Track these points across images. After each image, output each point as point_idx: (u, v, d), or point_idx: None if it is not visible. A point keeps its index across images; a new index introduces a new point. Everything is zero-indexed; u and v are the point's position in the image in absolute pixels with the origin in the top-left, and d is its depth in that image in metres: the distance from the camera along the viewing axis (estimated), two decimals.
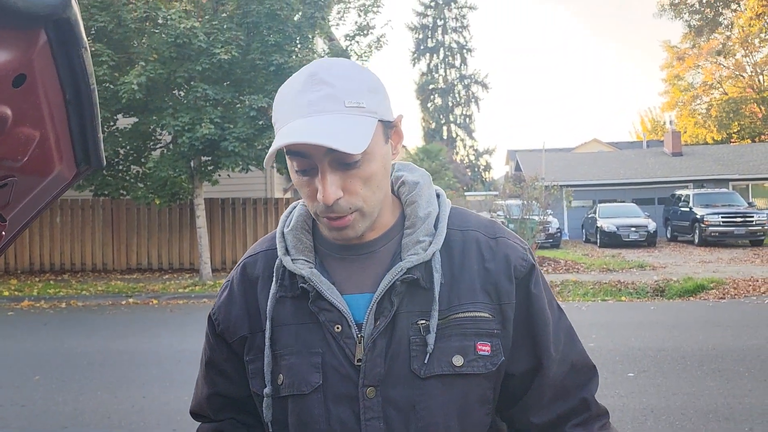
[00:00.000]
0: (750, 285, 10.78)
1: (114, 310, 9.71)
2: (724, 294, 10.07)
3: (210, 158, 12.16)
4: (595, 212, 22.36)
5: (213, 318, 1.15)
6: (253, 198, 15.02)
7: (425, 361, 0.99)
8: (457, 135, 49.27)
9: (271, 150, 0.93)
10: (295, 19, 11.46)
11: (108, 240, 14.73)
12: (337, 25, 12.92)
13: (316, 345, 1.03)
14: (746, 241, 19.73)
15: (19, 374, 5.89)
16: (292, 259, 1.06)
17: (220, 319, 1.13)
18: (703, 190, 22.37)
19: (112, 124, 12.10)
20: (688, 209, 20.91)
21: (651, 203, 25.70)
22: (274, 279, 1.07)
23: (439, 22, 39.00)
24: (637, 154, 30.83)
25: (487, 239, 1.07)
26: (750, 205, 21.30)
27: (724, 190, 22.85)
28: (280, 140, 0.93)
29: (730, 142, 37.56)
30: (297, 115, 0.94)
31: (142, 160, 12.43)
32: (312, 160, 0.95)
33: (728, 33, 37.80)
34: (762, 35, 35.19)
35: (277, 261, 1.08)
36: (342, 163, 0.95)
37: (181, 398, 5.05)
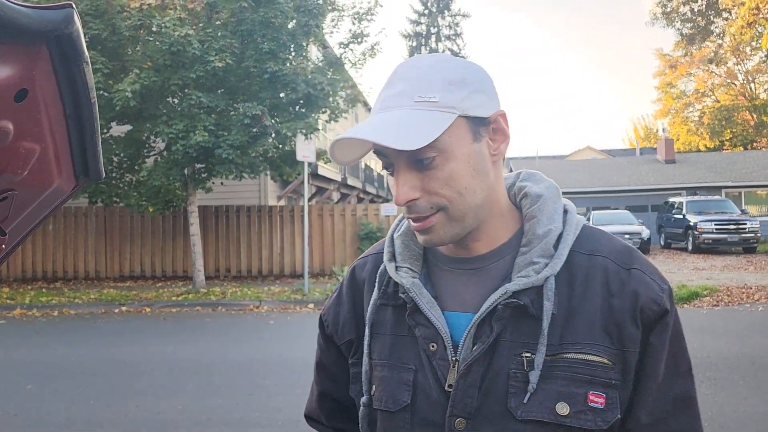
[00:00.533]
0: (743, 292, 10.82)
1: (107, 318, 9.65)
2: (717, 301, 10.11)
3: (204, 166, 12.15)
4: (588, 219, 22.43)
5: (323, 319, 1.13)
6: (247, 205, 15.01)
7: (524, 401, 0.88)
8: None
9: (330, 145, 0.90)
10: (290, 27, 11.49)
11: (101, 248, 14.68)
12: (331, 32, 13.01)
13: (410, 361, 0.96)
14: (739, 249, 19.84)
15: (10, 383, 5.85)
16: (396, 266, 1.00)
17: (329, 322, 1.11)
18: (696, 198, 22.49)
19: (105, 131, 12.09)
20: (681, 216, 21.01)
21: (644, 210, 25.82)
22: (377, 285, 1.03)
23: (433, 30, 39.12)
24: (631, 162, 30.99)
25: (617, 269, 0.93)
26: (743, 212, 21.42)
27: (717, 197, 22.98)
28: (336, 137, 0.89)
29: (723, 149, 37.81)
30: (373, 111, 0.92)
31: (136, 167, 12.42)
32: (390, 158, 0.91)
33: (720, 41, 38.13)
34: (753, 43, 35.49)
35: (381, 267, 1.03)
36: (416, 161, 0.89)
37: (174, 407, 5.03)
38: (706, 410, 4.74)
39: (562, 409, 0.87)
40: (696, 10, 36.94)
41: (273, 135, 11.62)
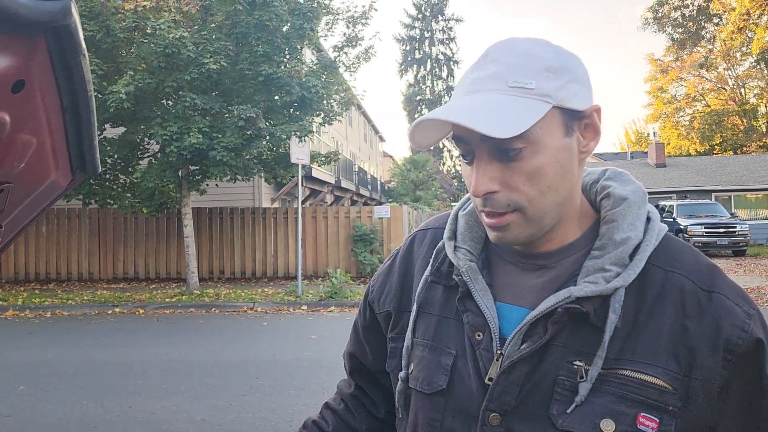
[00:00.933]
0: None
1: (100, 320, 9.62)
2: None
3: (198, 168, 12.14)
4: None
5: (370, 285, 1.11)
6: (241, 208, 14.99)
7: (568, 411, 0.82)
8: (444, 146, 49.42)
9: (413, 125, 0.83)
10: (284, 30, 11.50)
11: (94, 249, 14.62)
12: (326, 36, 12.97)
13: (452, 345, 0.92)
14: (729, 252, 19.95)
15: (3, 384, 5.83)
16: (456, 246, 0.95)
17: (375, 287, 1.08)
18: (686, 201, 22.61)
19: (99, 133, 12.04)
20: (671, 220, 21.09)
21: None
22: (431, 261, 0.98)
23: (427, 34, 39.24)
24: (622, 165, 31.07)
25: (696, 290, 0.84)
26: (732, 215, 21.54)
27: (707, 201, 23.10)
28: (421, 117, 0.82)
29: (713, 153, 38.02)
30: (460, 93, 0.86)
31: (130, 169, 12.39)
32: (470, 145, 0.84)
33: (710, 46, 38.37)
34: (743, 49, 35.73)
35: (440, 243, 0.99)
36: (500, 150, 0.82)
37: (168, 408, 5.02)
38: None
39: (607, 426, 0.80)
40: (687, 15, 37.15)
41: (267, 137, 11.62)
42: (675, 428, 0.81)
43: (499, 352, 0.87)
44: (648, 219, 0.90)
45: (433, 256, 0.99)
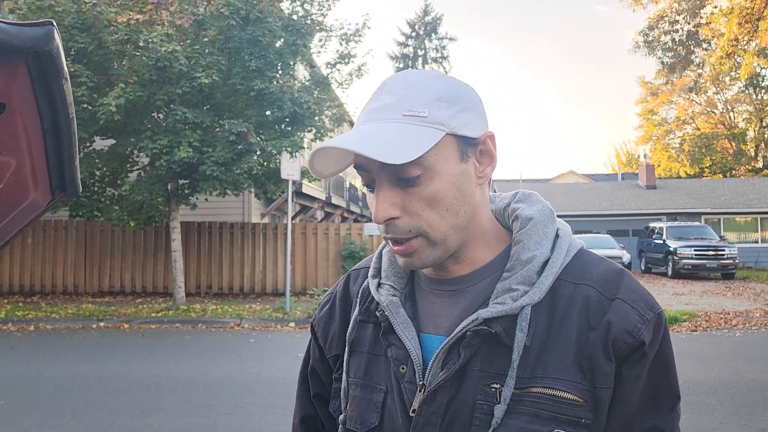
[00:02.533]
0: (722, 318, 10.92)
1: (84, 334, 9.51)
2: (696, 326, 10.19)
3: (187, 182, 12.10)
4: None
5: (314, 328, 1.10)
6: (230, 222, 14.93)
7: None
8: None
9: (310, 155, 0.86)
10: (277, 45, 11.55)
11: (80, 262, 14.50)
12: (319, 52, 13.04)
13: (382, 382, 0.93)
14: (718, 274, 20.08)
15: None
16: (379, 283, 0.97)
17: (319, 333, 1.08)
18: (676, 223, 22.77)
19: (88, 145, 12.01)
20: (661, 242, 21.23)
21: (626, 235, 26.09)
22: (359, 301, 1.00)
23: (420, 53, 39.51)
24: (613, 187, 31.33)
25: (600, 299, 0.87)
26: (721, 238, 21.71)
27: (696, 223, 23.27)
28: (315, 147, 0.86)
29: (703, 176, 38.41)
30: (357, 123, 0.88)
31: (118, 182, 12.33)
32: (371, 173, 0.87)
33: (700, 71, 38.89)
34: (732, 74, 36.24)
35: (365, 283, 1.01)
36: (399, 178, 0.84)
37: (150, 426, 4.95)
38: None
39: None
40: (677, 39, 37.68)
41: (258, 152, 11.62)
42: None
43: (421, 382, 0.88)
44: (557, 236, 0.92)
45: (359, 295, 1.00)
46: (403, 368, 0.90)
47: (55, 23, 0.76)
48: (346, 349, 0.99)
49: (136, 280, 14.56)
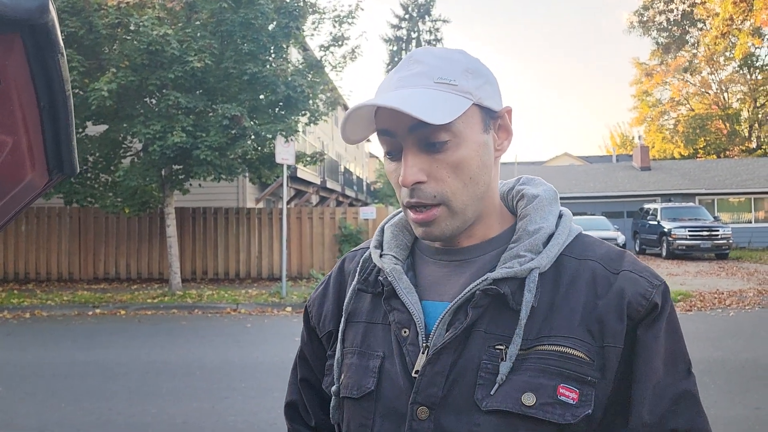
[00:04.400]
0: (716, 297, 11.00)
1: (80, 321, 9.50)
2: (690, 306, 10.26)
3: (181, 167, 12.03)
4: None
5: (308, 310, 1.11)
6: (225, 208, 14.89)
7: (492, 392, 0.84)
8: None
9: (345, 115, 0.87)
10: (270, 28, 11.43)
11: (75, 249, 14.45)
12: (312, 35, 12.94)
13: (379, 348, 0.94)
14: (712, 255, 20.20)
15: None
16: (381, 254, 0.99)
17: (313, 312, 1.09)
18: (670, 204, 22.85)
19: (81, 131, 11.90)
20: (656, 223, 21.32)
21: (620, 216, 26.16)
22: (358, 271, 1.02)
23: (413, 35, 39.20)
24: (607, 168, 31.37)
25: (606, 273, 0.90)
26: (715, 219, 21.81)
27: (690, 204, 23.36)
28: (353, 106, 0.86)
29: (697, 157, 38.47)
30: (386, 90, 0.89)
31: (112, 168, 12.25)
32: (397, 139, 0.88)
33: (695, 51, 38.83)
34: (727, 54, 36.19)
35: (366, 254, 1.03)
36: (427, 143, 0.87)
37: (149, 411, 4.96)
38: None
39: (528, 399, 0.83)
40: (672, 19, 37.58)
41: (252, 137, 11.55)
42: (595, 399, 0.84)
43: (425, 344, 0.89)
44: (560, 216, 0.97)
45: (359, 266, 1.02)
46: (405, 332, 0.91)
47: None
48: (343, 319, 1.00)
49: (132, 266, 14.53)
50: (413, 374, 0.88)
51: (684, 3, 35.32)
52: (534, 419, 0.82)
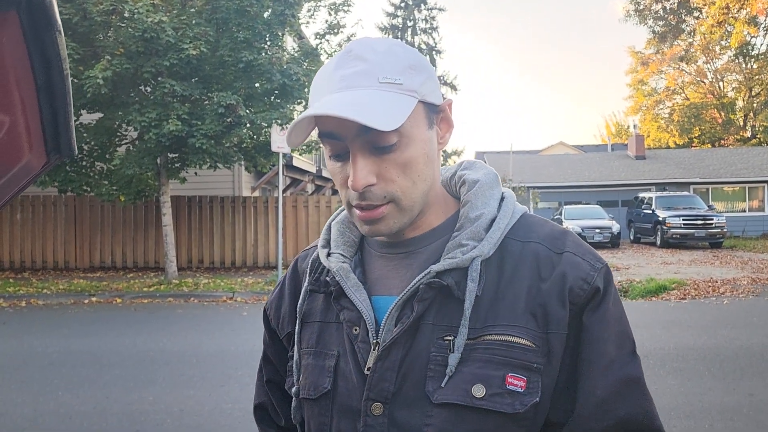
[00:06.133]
0: (710, 286, 11.05)
1: (76, 309, 9.49)
2: (685, 294, 10.30)
3: (177, 155, 11.99)
4: (561, 214, 22.69)
5: (266, 312, 1.11)
6: (221, 196, 14.86)
7: (442, 385, 0.85)
8: None
9: (293, 123, 0.85)
10: (265, 16, 11.36)
11: (70, 237, 14.41)
12: (308, 23, 12.87)
13: (334, 347, 0.95)
14: (706, 243, 20.27)
15: None
16: (329, 253, 0.99)
17: (271, 315, 1.09)
18: (665, 193, 22.89)
19: (76, 119, 11.82)
20: (650, 212, 21.36)
21: (615, 205, 26.21)
22: (309, 272, 1.01)
23: (409, 23, 39.03)
24: (602, 157, 31.36)
25: (549, 254, 0.90)
26: (710, 208, 21.86)
27: (685, 193, 23.40)
28: (302, 114, 0.84)
29: (692, 146, 38.49)
30: (328, 90, 0.86)
31: (107, 156, 12.19)
32: (344, 142, 0.86)
33: (690, 40, 38.76)
34: (722, 42, 36.15)
35: (314, 254, 1.03)
36: (376, 146, 0.86)
37: (145, 399, 4.97)
38: (672, 400, 4.84)
39: (478, 391, 0.83)
40: (668, 8, 37.49)
41: (247, 125, 11.50)
42: (542, 385, 0.85)
43: (375, 341, 0.89)
44: (502, 198, 0.96)
45: (309, 267, 1.02)
46: (356, 329, 0.91)
47: None
48: (298, 321, 1.00)
49: (127, 255, 14.50)
50: (365, 371, 0.89)
51: None
52: (484, 410, 0.83)
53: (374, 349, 0.89)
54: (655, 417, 0.88)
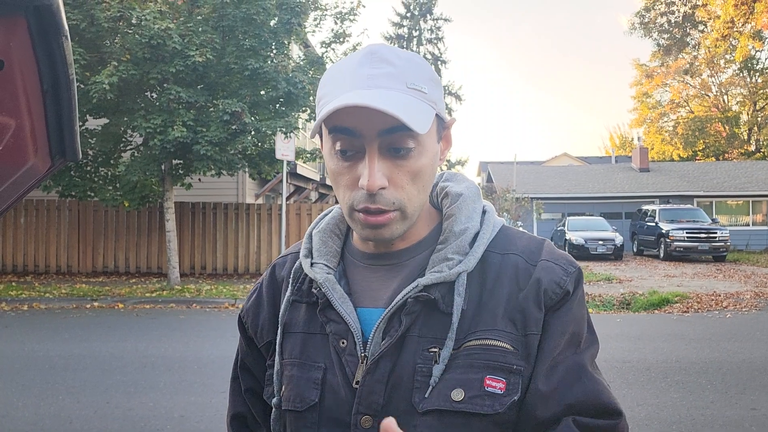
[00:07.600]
0: (713, 299, 11.01)
1: (78, 314, 9.50)
2: (687, 308, 10.26)
3: (182, 162, 12.02)
4: (564, 225, 22.66)
5: (242, 320, 1.09)
6: (224, 203, 14.88)
7: (426, 395, 0.86)
8: None
9: (322, 113, 0.83)
10: (272, 24, 11.43)
11: (73, 242, 14.44)
12: (314, 31, 13.00)
13: (320, 359, 0.93)
14: (709, 257, 20.21)
15: None
16: (312, 263, 0.98)
17: (248, 323, 1.07)
18: (668, 206, 22.86)
19: (81, 124, 11.89)
20: (654, 224, 21.32)
21: (618, 217, 26.18)
22: (290, 281, 1.00)
23: (415, 33, 39.17)
24: (606, 169, 31.36)
25: (527, 266, 0.92)
26: (713, 221, 21.82)
27: (689, 206, 23.39)
28: (335, 102, 0.81)
29: (696, 159, 38.48)
30: (355, 86, 0.84)
31: (112, 162, 12.24)
32: (360, 140, 0.85)
33: (695, 53, 38.82)
34: (727, 56, 36.19)
35: (297, 263, 1.01)
36: (393, 149, 0.86)
37: (146, 404, 4.96)
38: (674, 413, 4.81)
39: (457, 395, 0.85)
40: (673, 21, 37.57)
41: (252, 132, 11.54)
42: (522, 387, 0.87)
43: (363, 354, 0.90)
44: (484, 212, 0.98)
45: (291, 277, 1.00)
46: (343, 342, 0.91)
47: None
48: (279, 331, 0.99)
49: (130, 260, 14.52)
50: (354, 384, 0.89)
51: (685, 5, 35.33)
52: (465, 413, 0.85)
53: (362, 363, 0.89)
54: (600, 393, 0.89)
